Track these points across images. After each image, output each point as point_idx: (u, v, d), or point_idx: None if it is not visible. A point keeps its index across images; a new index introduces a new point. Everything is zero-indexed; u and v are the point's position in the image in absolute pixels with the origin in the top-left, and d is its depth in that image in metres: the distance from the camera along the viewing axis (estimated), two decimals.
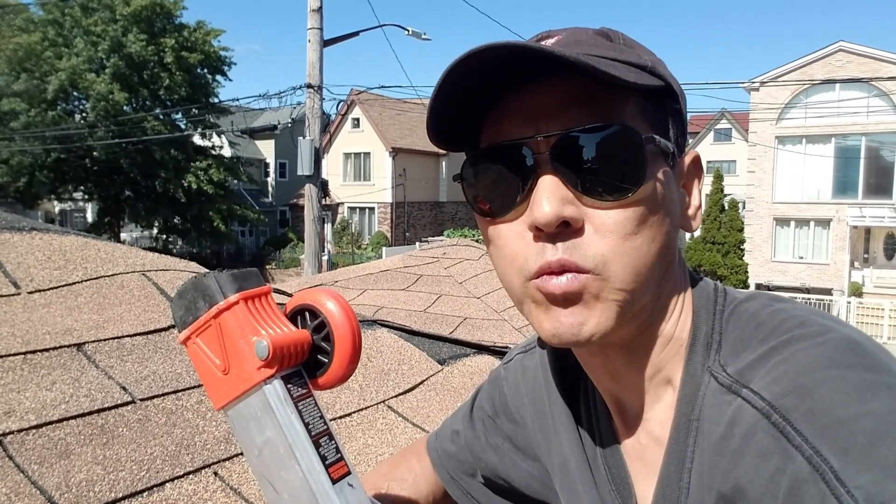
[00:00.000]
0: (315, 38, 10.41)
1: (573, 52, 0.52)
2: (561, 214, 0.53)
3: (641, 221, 0.55)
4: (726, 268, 20.23)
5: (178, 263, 1.61)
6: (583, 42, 0.57)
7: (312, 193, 10.61)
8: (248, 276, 0.64)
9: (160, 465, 1.00)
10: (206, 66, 25.96)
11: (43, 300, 1.30)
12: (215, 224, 25.81)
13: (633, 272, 0.55)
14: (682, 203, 0.62)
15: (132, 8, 23.10)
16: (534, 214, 0.54)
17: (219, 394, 0.63)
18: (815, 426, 0.46)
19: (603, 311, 0.55)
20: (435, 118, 0.58)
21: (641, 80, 0.54)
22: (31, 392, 1.06)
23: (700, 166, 0.65)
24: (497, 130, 0.58)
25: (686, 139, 0.63)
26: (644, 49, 0.61)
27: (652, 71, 0.57)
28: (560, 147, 0.54)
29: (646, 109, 0.57)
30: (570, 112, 0.55)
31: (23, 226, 1.47)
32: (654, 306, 0.59)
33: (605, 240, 0.54)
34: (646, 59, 0.57)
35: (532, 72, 0.54)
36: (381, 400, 1.39)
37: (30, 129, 22.05)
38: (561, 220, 0.53)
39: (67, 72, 22.52)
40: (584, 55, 0.52)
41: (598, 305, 0.55)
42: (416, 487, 0.90)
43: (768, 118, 21.26)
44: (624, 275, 0.55)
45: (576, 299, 0.55)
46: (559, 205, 0.53)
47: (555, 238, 0.55)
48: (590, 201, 0.54)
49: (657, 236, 0.56)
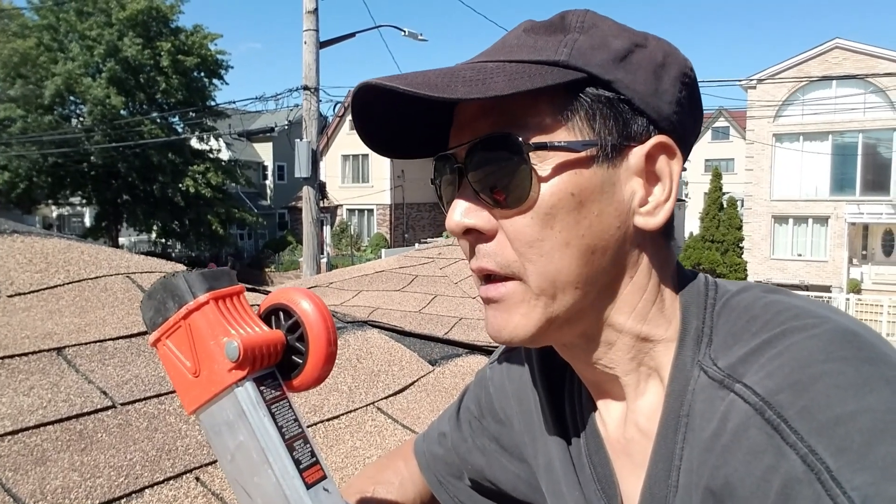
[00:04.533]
0: (311, 39, 10.39)
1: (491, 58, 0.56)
2: (462, 224, 0.56)
3: (544, 226, 0.54)
4: (725, 266, 20.24)
5: (163, 265, 1.59)
6: (506, 45, 0.58)
7: (310, 196, 10.59)
8: (219, 275, 0.62)
9: (140, 470, 0.98)
10: (203, 69, 25.97)
11: (23, 304, 1.27)
12: (214, 227, 25.81)
13: (546, 278, 0.55)
14: (632, 198, 0.56)
15: (128, 12, 23.09)
16: (446, 223, 0.58)
17: (190, 397, 0.61)
18: (811, 424, 0.44)
19: (524, 315, 0.57)
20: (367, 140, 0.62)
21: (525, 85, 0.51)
22: (7, 398, 1.03)
23: (672, 151, 0.57)
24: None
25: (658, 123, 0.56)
26: (605, 29, 0.57)
27: (566, 64, 0.54)
28: (468, 157, 0.56)
29: (563, 107, 0.54)
30: (479, 122, 0.56)
31: (3, 228, 1.44)
32: (598, 306, 0.58)
33: (512, 246, 0.56)
34: (561, 53, 0.54)
35: None
36: (371, 401, 1.36)
37: (27, 135, 22.04)
38: (463, 228, 0.56)
39: (63, 76, 22.50)
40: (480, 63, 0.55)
41: (519, 309, 0.57)
42: (403, 490, 0.88)
43: (766, 116, 21.28)
44: (539, 281, 0.55)
45: (498, 302, 0.57)
46: (461, 214, 0.56)
47: (474, 245, 0.58)
48: (496, 209, 0.56)
49: (573, 241, 0.55)
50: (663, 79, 0.57)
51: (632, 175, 0.56)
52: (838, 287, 19.61)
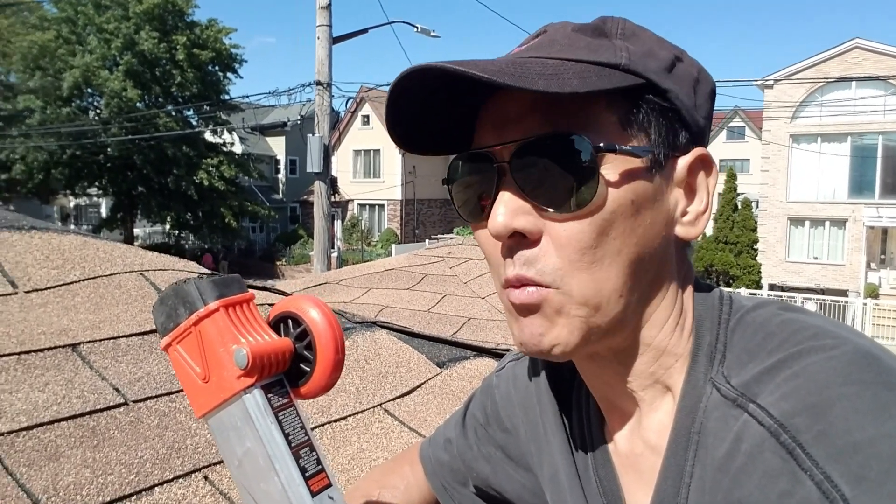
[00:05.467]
0: (324, 35, 10.41)
1: (542, 55, 0.53)
2: (511, 226, 0.53)
3: (601, 233, 0.53)
4: (739, 268, 20.05)
5: (176, 263, 1.60)
6: (556, 42, 0.56)
7: (321, 190, 10.63)
8: (230, 282, 0.63)
9: (150, 468, 0.99)
10: (218, 63, 26.10)
11: (40, 300, 1.30)
12: (226, 220, 25.95)
13: (594, 288, 0.53)
14: (675, 208, 0.57)
15: (144, 6, 23.25)
16: (489, 225, 0.54)
17: (199, 402, 0.62)
18: (828, 450, 0.43)
19: (564, 326, 0.54)
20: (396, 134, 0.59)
21: (595, 85, 0.51)
22: (23, 393, 1.05)
23: (710, 165, 0.58)
24: (476, 136, 0.58)
25: (696, 136, 0.57)
26: (647, 38, 0.57)
27: (626, 68, 0.53)
28: (517, 156, 0.53)
29: (621, 111, 0.54)
30: (530, 120, 0.53)
31: (22, 225, 1.47)
32: (636, 320, 0.57)
33: (561, 253, 0.53)
34: (621, 57, 0.53)
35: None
36: (378, 403, 1.37)
37: (45, 126, 22.27)
38: (511, 231, 0.53)
39: (81, 69, 22.70)
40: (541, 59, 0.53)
41: (560, 320, 0.54)
42: (408, 495, 0.89)
43: (783, 116, 21.02)
44: (584, 290, 0.53)
45: (535, 310, 0.54)
46: (511, 216, 0.53)
47: (513, 250, 0.54)
48: (546, 213, 0.53)
49: (625, 250, 0.54)
50: (699, 93, 0.58)
51: (675, 185, 0.57)
52: (855, 291, 19.36)
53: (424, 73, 0.51)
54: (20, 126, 22.32)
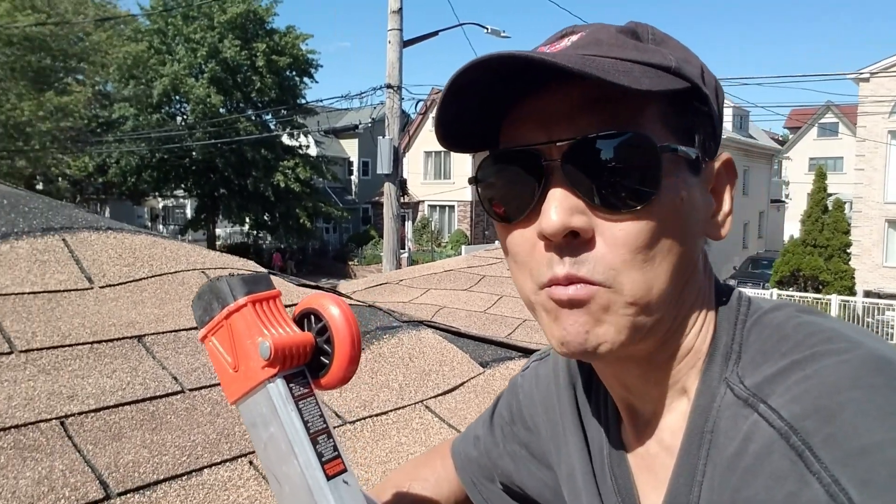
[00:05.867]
0: (395, 38, 10.62)
1: (591, 53, 0.53)
2: (568, 225, 0.52)
3: (656, 234, 0.53)
4: (829, 273, 18.89)
5: (235, 262, 1.71)
6: (603, 42, 0.55)
7: (391, 192, 10.84)
8: (259, 280, 0.69)
9: (200, 451, 1.07)
10: (295, 68, 27.02)
11: (112, 294, 1.42)
12: (301, 221, 26.82)
13: (645, 287, 0.53)
14: (708, 210, 0.59)
15: (228, 15, 24.41)
16: (541, 224, 0.53)
17: (231, 389, 0.67)
18: (836, 453, 0.43)
19: (612, 325, 0.54)
20: (443, 126, 0.59)
21: (659, 85, 0.51)
22: (93, 378, 1.16)
23: (732, 169, 0.61)
24: (514, 133, 0.57)
25: (718, 142, 0.61)
26: (675, 45, 0.59)
27: (676, 72, 0.54)
28: (571, 154, 0.53)
29: (668, 113, 0.55)
30: (584, 118, 0.53)
31: (100, 225, 1.60)
32: (673, 321, 0.57)
33: (615, 252, 0.52)
34: (670, 60, 0.54)
35: (544, 76, 0.53)
36: (420, 400, 1.41)
37: (137, 132, 23.76)
38: (568, 230, 0.52)
39: (170, 77, 24.09)
40: (599, 57, 0.52)
41: (608, 318, 0.53)
42: (438, 488, 0.92)
43: (880, 112, 19.69)
44: (636, 289, 0.53)
45: (581, 306, 0.53)
46: (567, 215, 0.52)
47: (563, 249, 0.53)
48: (601, 212, 0.53)
49: (674, 249, 0.54)
50: (720, 102, 0.60)
51: (706, 188, 0.59)
52: None
53: (501, 62, 0.50)
54: (115, 132, 23.91)
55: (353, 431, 1.25)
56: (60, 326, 1.25)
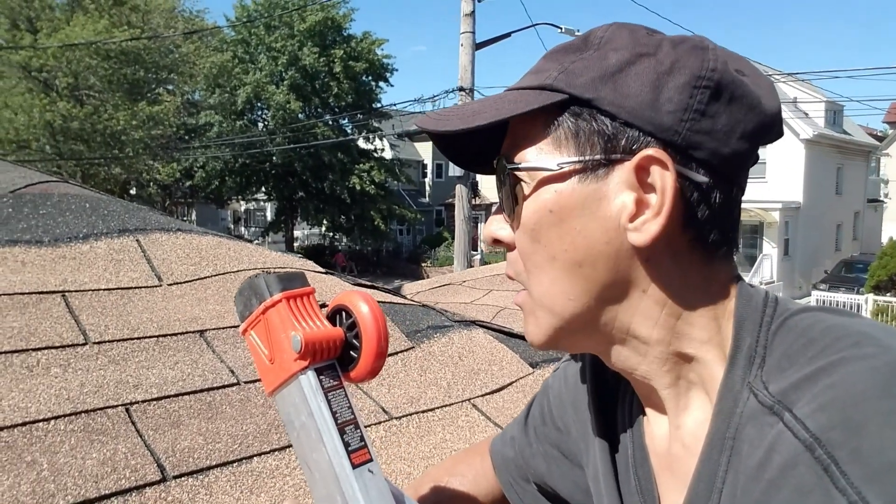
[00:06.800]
0: (467, 41, 10.69)
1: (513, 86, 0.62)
2: (490, 235, 0.64)
3: (532, 241, 0.59)
4: None
5: (294, 262, 1.78)
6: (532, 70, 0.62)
7: (462, 194, 10.90)
8: (294, 277, 0.72)
9: (251, 440, 1.13)
10: (371, 73, 27.63)
11: (179, 291, 1.51)
12: (376, 223, 27.37)
13: (542, 290, 0.60)
14: (621, 213, 0.55)
15: (307, 24, 25.27)
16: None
17: (267, 381, 0.71)
18: (863, 469, 0.42)
19: (534, 323, 0.62)
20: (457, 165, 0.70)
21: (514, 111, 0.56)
22: (157, 369, 1.24)
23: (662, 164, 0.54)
24: None
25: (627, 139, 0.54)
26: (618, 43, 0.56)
27: (551, 88, 0.56)
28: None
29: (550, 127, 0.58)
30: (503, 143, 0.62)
31: (170, 227, 1.71)
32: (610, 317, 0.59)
33: (519, 258, 0.62)
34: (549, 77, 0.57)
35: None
36: (467, 398, 1.43)
37: (221, 138, 25.00)
38: (491, 239, 0.63)
39: (252, 85, 25.20)
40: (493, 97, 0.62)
41: (530, 318, 0.62)
42: (476, 485, 0.93)
43: None
44: (535, 291, 0.61)
45: (520, 308, 0.64)
46: (493, 226, 0.63)
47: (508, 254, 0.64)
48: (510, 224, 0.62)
49: (558, 255, 0.58)
50: (665, 88, 0.54)
51: (623, 189, 0.55)
52: None
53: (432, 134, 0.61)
54: (201, 139, 25.26)
55: (398, 427, 1.28)
56: (130, 320, 1.35)
